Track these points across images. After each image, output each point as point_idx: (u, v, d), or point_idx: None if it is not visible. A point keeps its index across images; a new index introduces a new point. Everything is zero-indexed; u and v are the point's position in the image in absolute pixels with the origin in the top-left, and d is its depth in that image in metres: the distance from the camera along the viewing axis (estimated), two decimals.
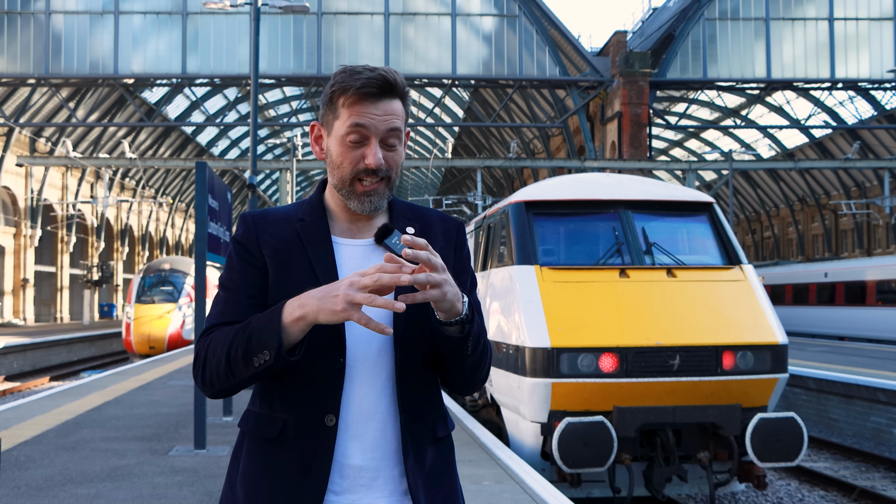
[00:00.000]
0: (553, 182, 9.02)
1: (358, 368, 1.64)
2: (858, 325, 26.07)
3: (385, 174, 1.66)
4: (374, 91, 1.63)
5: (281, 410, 1.66)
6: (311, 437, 1.62)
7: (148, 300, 26.12)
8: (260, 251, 1.68)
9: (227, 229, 9.07)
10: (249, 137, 14.36)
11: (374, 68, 1.66)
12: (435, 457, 1.71)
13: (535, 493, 5.59)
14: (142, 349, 25.22)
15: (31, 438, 7.75)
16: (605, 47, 33.49)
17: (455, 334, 1.61)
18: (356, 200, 1.66)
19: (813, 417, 13.92)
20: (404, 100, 1.70)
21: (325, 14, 30.44)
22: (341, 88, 1.65)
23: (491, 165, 34.82)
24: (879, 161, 36.07)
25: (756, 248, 65.35)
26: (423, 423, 1.69)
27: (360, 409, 1.63)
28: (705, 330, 7.00)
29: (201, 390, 1.67)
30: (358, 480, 1.64)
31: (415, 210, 1.79)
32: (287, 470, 1.64)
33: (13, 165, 36.81)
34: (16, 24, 30.22)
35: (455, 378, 1.72)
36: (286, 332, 1.53)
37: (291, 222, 1.71)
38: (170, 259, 28.41)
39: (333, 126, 1.68)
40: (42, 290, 44.44)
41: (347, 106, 1.65)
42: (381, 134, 1.64)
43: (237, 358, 1.56)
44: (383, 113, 1.64)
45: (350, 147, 1.65)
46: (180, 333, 25.77)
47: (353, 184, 1.65)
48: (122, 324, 26.56)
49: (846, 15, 31.96)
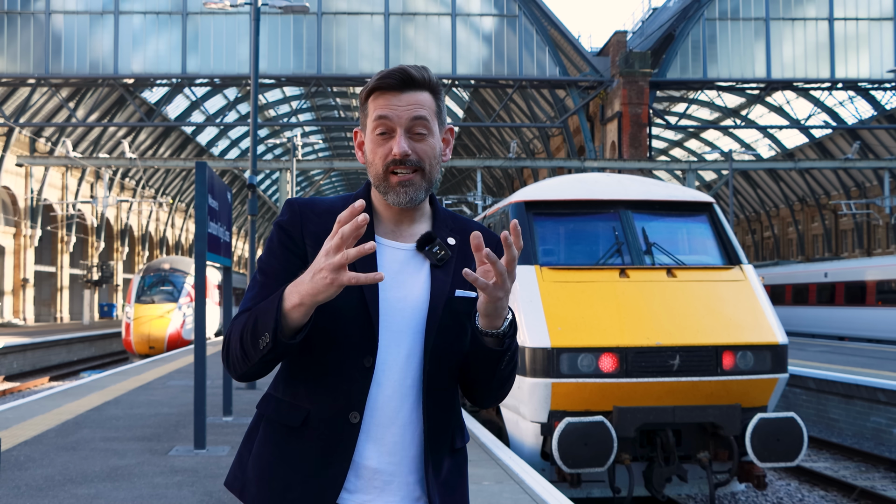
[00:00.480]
0: (553, 182, 9.01)
1: (385, 371, 1.64)
2: (858, 325, 26.07)
3: (415, 164, 1.66)
4: (394, 83, 1.66)
5: (305, 401, 1.66)
6: (334, 432, 1.63)
7: (148, 300, 26.05)
8: (303, 239, 1.69)
9: (227, 229, 9.06)
10: (249, 137, 14.36)
11: (403, 66, 1.69)
12: (451, 467, 1.73)
13: (535, 493, 5.59)
14: (141, 349, 25.17)
15: (31, 438, 7.75)
16: (605, 47, 33.50)
17: (493, 346, 1.62)
18: (392, 193, 1.67)
19: (813, 417, 13.92)
20: (434, 93, 1.71)
21: (325, 14, 30.45)
22: (368, 88, 1.69)
23: (491, 165, 34.82)
24: (879, 161, 36.07)
25: (756, 248, 65.35)
26: (444, 433, 1.70)
27: (383, 411, 1.64)
28: (705, 330, 7.00)
29: (229, 373, 1.69)
30: (372, 482, 1.64)
31: (458, 221, 1.80)
32: (306, 460, 1.64)
33: (13, 165, 36.81)
34: (16, 24, 30.22)
35: (481, 390, 1.73)
36: (287, 317, 1.53)
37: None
38: (169, 259, 28.31)
39: (367, 126, 1.71)
40: (42, 290, 44.44)
41: (373, 102, 1.68)
42: (405, 123, 1.65)
43: (247, 341, 1.58)
44: (406, 103, 1.66)
45: (379, 142, 1.67)
46: (180, 333, 25.63)
47: (388, 177, 1.66)
48: (122, 324, 26.51)
49: (846, 15, 31.96)
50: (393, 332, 1.64)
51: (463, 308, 1.68)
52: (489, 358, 1.64)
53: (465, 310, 1.67)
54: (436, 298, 1.66)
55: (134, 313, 25.70)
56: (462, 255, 1.73)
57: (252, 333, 1.56)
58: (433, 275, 1.68)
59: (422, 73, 1.68)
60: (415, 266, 1.68)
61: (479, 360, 1.65)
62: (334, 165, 33.26)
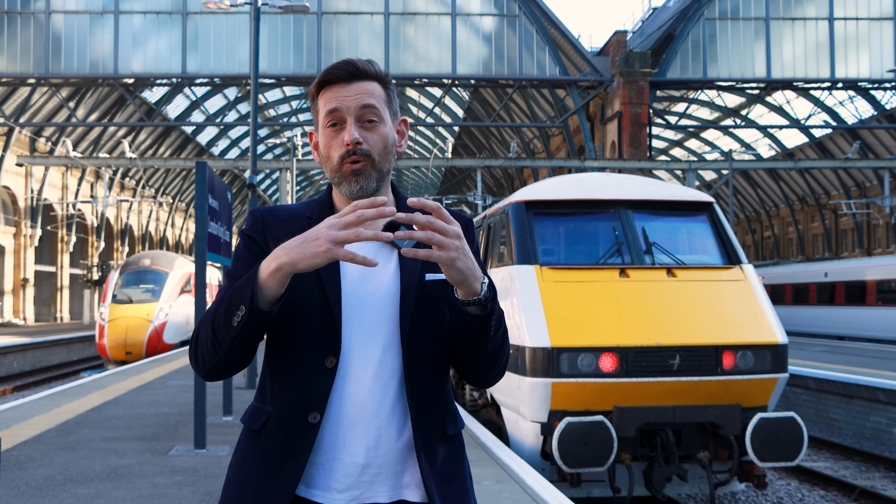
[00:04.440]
0: (553, 182, 9.01)
1: (363, 366, 1.63)
2: (858, 324, 26.07)
3: (364, 152, 1.65)
4: (342, 74, 1.67)
5: (269, 404, 1.67)
6: (290, 433, 1.63)
7: (125, 299, 23.26)
8: (266, 243, 1.69)
9: (227, 229, 9.07)
10: (249, 137, 14.37)
11: (350, 59, 1.70)
12: (446, 454, 1.72)
13: (535, 492, 5.58)
14: (117, 355, 22.38)
15: (31, 438, 7.75)
16: (605, 47, 33.50)
17: (476, 312, 1.59)
18: (346, 183, 1.67)
19: (813, 417, 13.92)
20: (383, 83, 1.72)
21: (325, 14, 30.45)
22: (317, 83, 1.70)
23: (491, 165, 34.82)
24: (879, 161, 36.07)
25: (756, 247, 65.35)
26: (433, 421, 1.69)
27: (363, 407, 1.63)
28: (705, 330, 7.00)
29: (197, 373, 1.67)
30: (361, 477, 1.64)
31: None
32: (261, 463, 1.65)
33: (13, 165, 36.81)
34: (16, 23, 30.22)
35: (476, 366, 1.71)
36: (263, 287, 1.51)
37: (299, 220, 1.73)
38: (151, 254, 25.75)
39: (318, 123, 1.72)
40: (42, 290, 44.44)
41: (322, 97, 1.69)
42: (354, 112, 1.66)
43: (220, 322, 1.56)
44: (353, 91, 1.67)
45: (332, 134, 1.68)
46: (161, 336, 22.88)
47: (342, 167, 1.66)
48: (96, 326, 23.60)
49: (846, 15, 31.96)
50: (367, 326, 1.63)
51: (436, 291, 1.66)
52: (476, 329, 1.61)
53: (439, 292, 1.66)
54: (406, 286, 1.65)
55: (109, 314, 22.84)
56: None
57: (226, 313, 1.54)
58: (402, 262, 1.67)
59: (368, 65, 1.69)
60: (382, 257, 1.67)
61: (467, 334, 1.63)
62: None
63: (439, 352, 1.69)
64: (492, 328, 1.63)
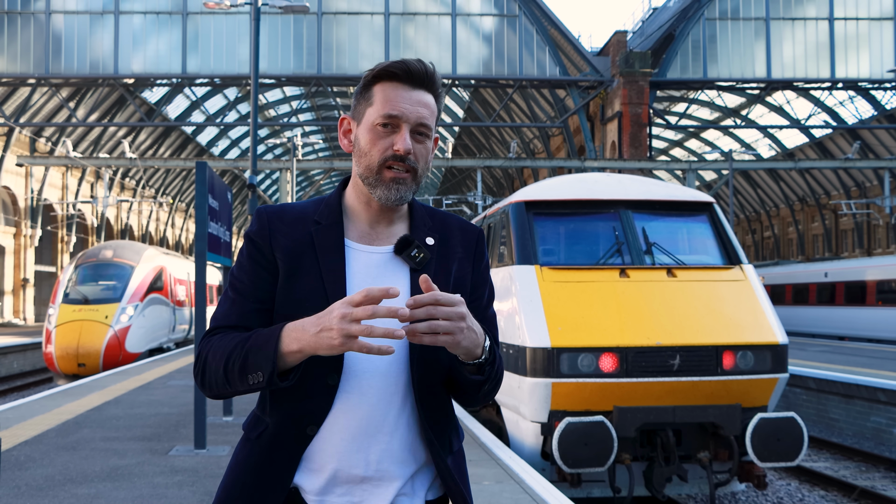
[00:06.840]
0: (553, 182, 9.01)
1: (365, 383, 1.61)
2: (858, 325, 26.07)
3: (413, 164, 1.63)
4: (410, 76, 1.63)
5: (268, 415, 1.66)
6: (283, 445, 1.62)
7: (79, 298, 18.68)
8: (272, 253, 1.66)
9: (228, 229, 9.07)
10: (249, 137, 14.37)
11: (419, 61, 1.67)
12: (454, 469, 1.72)
13: (535, 492, 5.58)
14: (67, 366, 17.86)
15: (32, 438, 7.75)
16: (605, 47, 33.50)
17: (472, 374, 1.60)
18: (383, 188, 1.62)
19: (813, 417, 13.92)
20: (437, 98, 1.69)
21: (325, 14, 30.44)
22: (379, 74, 1.65)
23: (491, 165, 34.81)
24: (879, 161, 36.06)
25: (756, 247, 65.34)
26: (443, 438, 1.69)
27: (366, 422, 1.61)
28: (705, 330, 6.99)
29: (202, 391, 1.67)
30: (360, 486, 1.63)
31: (435, 217, 1.76)
32: (253, 470, 1.65)
33: (13, 165, 36.82)
34: (16, 24, 30.22)
35: (466, 399, 1.72)
36: (282, 359, 1.52)
37: (307, 223, 1.68)
38: (114, 244, 21.00)
39: (365, 114, 1.66)
40: (42, 290, 44.42)
41: (380, 89, 1.64)
42: (412, 123, 1.62)
43: (233, 371, 1.56)
44: (416, 103, 1.63)
45: (380, 134, 1.63)
46: (122, 344, 18.39)
47: (381, 171, 1.62)
48: (43, 331, 18.80)
49: (846, 15, 31.96)
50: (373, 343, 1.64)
51: None
52: (470, 383, 1.63)
53: None
54: None
55: (58, 317, 18.21)
56: (442, 255, 1.70)
57: (241, 368, 1.54)
58: (413, 279, 1.64)
59: (435, 75, 1.66)
60: (392, 270, 1.64)
61: (461, 381, 1.64)
62: (334, 165, 33.22)
63: (445, 370, 1.68)
64: (486, 385, 1.64)
